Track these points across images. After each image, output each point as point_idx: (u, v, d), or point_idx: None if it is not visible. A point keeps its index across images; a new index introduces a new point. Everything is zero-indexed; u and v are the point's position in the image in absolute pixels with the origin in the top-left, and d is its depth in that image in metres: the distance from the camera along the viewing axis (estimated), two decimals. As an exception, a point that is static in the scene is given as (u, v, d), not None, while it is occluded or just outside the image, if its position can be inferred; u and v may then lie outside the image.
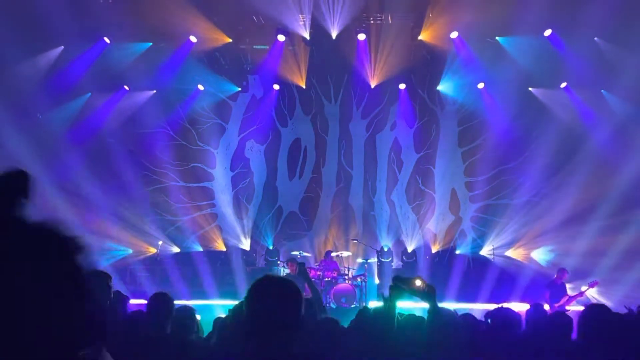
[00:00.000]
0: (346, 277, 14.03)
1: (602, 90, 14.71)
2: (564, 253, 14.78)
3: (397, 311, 3.58)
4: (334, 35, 14.40)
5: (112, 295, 4.70)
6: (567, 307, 10.85)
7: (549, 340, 4.33)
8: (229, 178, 17.23)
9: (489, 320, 4.85)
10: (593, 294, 12.69)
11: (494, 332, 4.56)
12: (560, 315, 4.64)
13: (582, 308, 4.43)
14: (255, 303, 2.38)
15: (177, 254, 16.37)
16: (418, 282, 3.48)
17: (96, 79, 14.50)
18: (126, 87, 15.59)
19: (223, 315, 5.51)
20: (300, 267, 6.47)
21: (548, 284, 11.69)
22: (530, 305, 6.18)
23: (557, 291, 11.35)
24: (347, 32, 14.53)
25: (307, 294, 5.80)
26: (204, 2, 13.34)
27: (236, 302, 4.23)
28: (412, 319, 4.60)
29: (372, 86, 16.22)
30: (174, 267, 15.14)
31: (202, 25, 13.99)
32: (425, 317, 3.68)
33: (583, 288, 11.29)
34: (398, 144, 17.22)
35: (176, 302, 4.64)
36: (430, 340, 3.49)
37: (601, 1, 11.68)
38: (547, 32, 13.79)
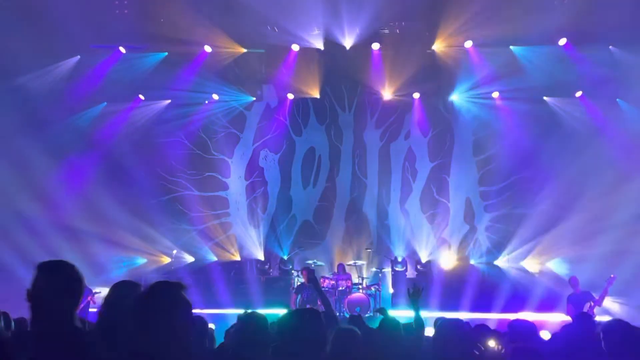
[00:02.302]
0: (360, 287, 14.00)
1: (617, 99, 14.62)
2: (580, 263, 14.58)
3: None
4: (347, 45, 14.42)
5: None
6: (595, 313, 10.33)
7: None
8: (244, 187, 17.24)
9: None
10: (613, 301, 12.36)
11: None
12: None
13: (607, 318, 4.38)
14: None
15: (191, 263, 16.42)
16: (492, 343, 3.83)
17: (111, 89, 14.63)
18: (141, 97, 15.71)
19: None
20: (310, 274, 6.30)
21: (569, 297, 11.23)
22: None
23: (579, 301, 10.87)
24: (361, 42, 14.53)
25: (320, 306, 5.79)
26: (219, 12, 13.41)
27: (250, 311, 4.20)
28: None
29: (386, 95, 16.21)
30: (188, 276, 15.17)
31: (217, 35, 14.06)
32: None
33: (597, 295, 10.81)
34: (412, 153, 17.17)
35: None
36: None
37: (616, 10, 11.63)
38: (562, 42, 13.72)
